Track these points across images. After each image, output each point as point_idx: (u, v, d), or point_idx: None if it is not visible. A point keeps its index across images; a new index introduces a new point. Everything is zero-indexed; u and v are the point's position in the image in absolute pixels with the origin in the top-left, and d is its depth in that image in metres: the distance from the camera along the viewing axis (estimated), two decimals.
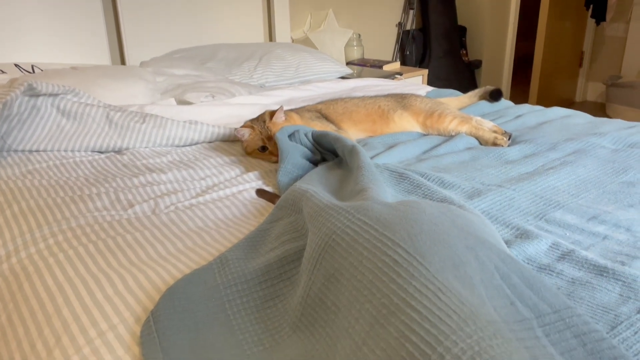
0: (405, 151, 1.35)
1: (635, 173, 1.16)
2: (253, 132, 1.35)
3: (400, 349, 0.52)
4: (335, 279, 0.65)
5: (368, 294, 0.59)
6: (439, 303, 0.54)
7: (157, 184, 1.19)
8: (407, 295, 0.55)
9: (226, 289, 0.75)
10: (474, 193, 1.07)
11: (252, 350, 0.66)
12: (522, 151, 1.34)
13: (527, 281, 0.64)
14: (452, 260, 0.60)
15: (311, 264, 0.70)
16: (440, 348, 0.49)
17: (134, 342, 0.68)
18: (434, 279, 0.57)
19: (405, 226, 0.65)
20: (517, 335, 0.54)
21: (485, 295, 0.58)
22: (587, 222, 0.95)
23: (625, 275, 0.76)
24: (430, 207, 0.72)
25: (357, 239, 0.66)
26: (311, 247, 0.73)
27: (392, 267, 0.60)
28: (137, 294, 0.78)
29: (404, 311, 0.54)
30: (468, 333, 0.50)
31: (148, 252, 0.90)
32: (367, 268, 0.62)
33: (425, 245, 0.62)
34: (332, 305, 0.65)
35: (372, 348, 0.55)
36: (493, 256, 0.64)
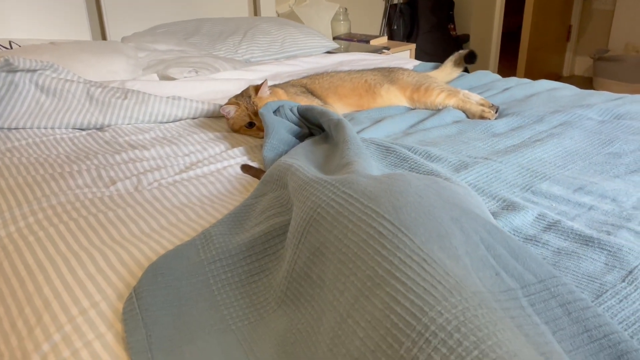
0: (392, 125, 1.34)
1: (621, 144, 1.15)
2: (239, 109, 1.32)
3: (385, 321, 0.51)
4: (321, 252, 0.65)
5: (353, 266, 0.58)
6: (423, 274, 0.53)
7: (140, 161, 1.16)
8: (391, 266, 0.55)
9: (210, 265, 0.73)
10: (460, 166, 1.07)
11: (236, 325, 0.66)
12: (509, 124, 1.33)
13: (513, 251, 0.63)
14: (437, 231, 0.59)
15: (296, 238, 0.69)
16: (425, 319, 0.49)
17: (117, 319, 0.67)
18: (419, 250, 0.56)
19: (391, 198, 0.64)
20: (502, 305, 0.53)
21: (471, 265, 0.57)
22: (573, 193, 0.95)
23: (611, 245, 0.76)
24: (416, 180, 0.71)
25: (342, 212, 0.65)
26: (296, 221, 0.72)
27: (377, 239, 0.59)
28: (120, 271, 0.76)
29: (388, 282, 0.54)
30: (453, 303, 0.49)
31: (130, 229, 0.88)
32: (352, 241, 0.61)
33: (410, 217, 0.61)
34: (317, 279, 0.64)
35: (356, 320, 0.54)
36: (478, 227, 0.64)
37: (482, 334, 0.46)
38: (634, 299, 0.66)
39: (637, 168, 1.03)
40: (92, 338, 0.64)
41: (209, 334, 0.64)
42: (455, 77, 1.75)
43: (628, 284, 0.68)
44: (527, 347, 0.46)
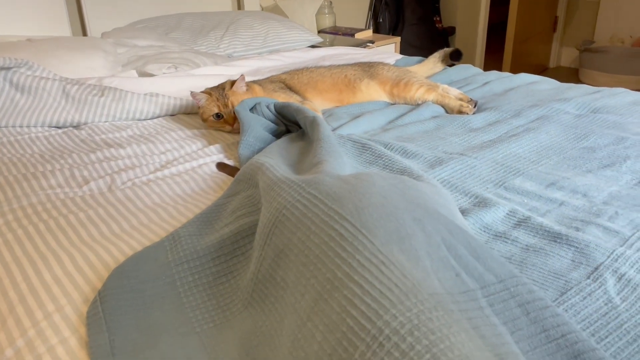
0: (371, 121, 1.34)
1: (596, 138, 1.16)
2: (210, 98, 1.31)
3: (342, 324, 0.51)
4: (285, 254, 0.64)
5: (314, 269, 0.58)
6: (381, 277, 0.53)
7: (115, 160, 1.15)
8: (350, 269, 0.55)
9: (177, 267, 0.73)
10: (435, 162, 1.07)
11: (202, 327, 0.65)
12: (487, 119, 1.33)
13: (474, 251, 0.63)
14: (398, 233, 0.59)
15: (262, 240, 0.69)
16: (379, 322, 0.49)
17: (82, 323, 0.67)
18: (378, 252, 0.56)
19: (354, 199, 0.64)
20: (461, 306, 0.53)
21: (431, 267, 0.57)
22: (546, 189, 0.95)
23: (579, 241, 0.77)
24: (381, 180, 0.71)
25: (306, 214, 0.65)
26: (262, 222, 0.71)
27: (338, 241, 0.59)
28: (87, 274, 0.76)
29: (346, 285, 0.53)
30: (408, 306, 0.50)
31: (101, 229, 0.87)
32: (314, 243, 0.61)
33: (372, 219, 0.61)
34: (281, 281, 0.64)
35: (315, 324, 0.54)
36: (440, 227, 0.64)
37: (434, 337, 0.46)
38: (597, 296, 0.66)
39: (609, 163, 1.04)
40: (56, 343, 0.64)
41: (173, 337, 0.63)
42: (437, 72, 1.75)
43: (593, 281, 0.69)
44: (481, 349, 0.47)
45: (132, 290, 0.69)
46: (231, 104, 1.30)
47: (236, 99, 1.30)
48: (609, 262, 0.72)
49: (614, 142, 1.13)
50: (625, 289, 0.67)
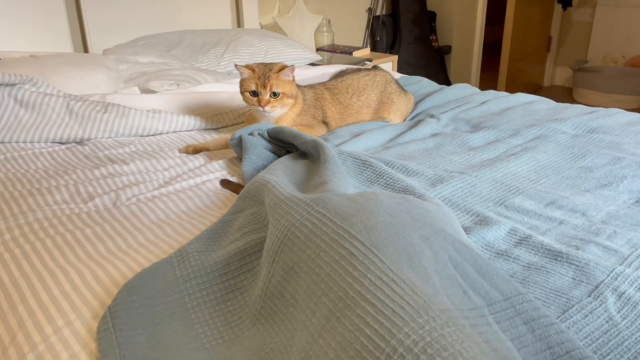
0: (371, 139, 1.36)
1: (592, 158, 1.18)
2: (252, 75, 1.32)
3: (355, 342, 0.52)
4: (294, 271, 0.66)
5: (325, 287, 0.59)
6: (392, 295, 0.54)
7: (119, 176, 1.17)
8: (362, 288, 0.56)
9: (185, 283, 0.74)
10: (436, 180, 1.08)
11: (211, 343, 0.66)
12: (486, 137, 1.35)
13: (480, 269, 0.65)
14: (407, 251, 0.61)
15: (270, 257, 0.70)
16: (393, 341, 0.50)
17: (91, 338, 0.68)
18: (388, 270, 0.57)
19: (362, 218, 0.66)
20: (471, 322, 0.54)
21: (440, 284, 0.58)
22: (545, 208, 0.97)
23: (579, 260, 0.78)
24: (387, 199, 0.72)
25: (316, 232, 0.67)
26: (270, 239, 0.72)
27: (349, 260, 0.60)
28: (95, 289, 0.77)
29: (359, 304, 0.55)
30: (420, 324, 0.51)
31: (107, 245, 0.88)
32: (325, 261, 0.62)
33: (381, 237, 0.62)
34: (290, 298, 0.65)
35: (327, 341, 0.55)
36: (447, 246, 0.65)
37: (447, 354, 0.47)
38: (598, 314, 0.68)
39: (607, 182, 1.06)
40: (66, 358, 0.65)
41: (183, 353, 0.64)
42: None
43: (594, 299, 0.70)
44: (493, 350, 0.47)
45: (142, 305, 0.70)
46: (270, 87, 1.31)
47: (277, 84, 1.31)
48: (609, 281, 0.74)
49: (610, 162, 1.16)
50: (625, 307, 0.69)
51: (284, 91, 1.32)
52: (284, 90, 1.32)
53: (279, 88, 1.32)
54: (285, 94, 1.33)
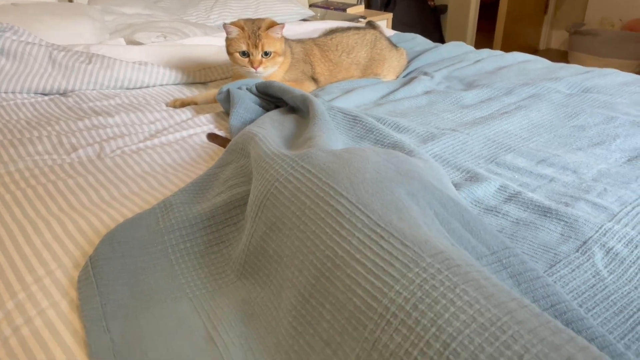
0: (363, 96, 1.33)
1: (586, 117, 1.17)
2: (241, 34, 1.25)
3: (348, 304, 0.51)
4: (277, 227, 0.64)
5: (311, 245, 0.58)
6: (381, 252, 0.53)
7: (103, 128, 1.14)
8: (351, 247, 0.55)
9: (169, 234, 0.73)
10: (428, 137, 1.07)
11: (194, 293, 0.65)
12: (479, 96, 1.33)
13: (467, 224, 0.64)
14: (394, 205, 0.59)
15: (253, 212, 0.69)
16: (385, 300, 0.49)
17: (72, 287, 0.66)
18: (376, 226, 0.56)
19: (348, 174, 0.64)
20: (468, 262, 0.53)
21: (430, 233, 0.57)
22: (536, 165, 0.96)
23: (568, 216, 0.78)
24: (374, 155, 0.71)
25: (300, 188, 0.65)
26: (254, 193, 0.71)
27: (336, 217, 0.58)
28: (77, 239, 0.75)
29: (349, 264, 0.53)
30: (410, 279, 0.49)
31: (90, 196, 0.86)
32: (310, 218, 0.60)
33: (368, 194, 0.60)
34: (274, 254, 0.63)
35: (320, 301, 0.54)
36: (434, 202, 0.64)
37: (439, 306, 0.46)
38: (585, 269, 0.67)
39: (599, 141, 1.05)
40: (47, 306, 0.64)
41: (165, 302, 0.63)
42: None
43: (581, 254, 0.70)
44: (491, 299, 0.46)
45: (124, 256, 0.69)
46: (261, 47, 1.25)
47: (269, 43, 1.25)
48: (597, 237, 0.73)
49: (604, 121, 1.14)
50: (612, 262, 0.69)
51: (275, 50, 1.28)
52: (275, 49, 1.28)
53: (270, 47, 1.26)
54: (277, 53, 1.28)
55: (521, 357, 0.41)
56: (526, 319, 0.45)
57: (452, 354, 0.43)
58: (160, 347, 0.56)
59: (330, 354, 0.52)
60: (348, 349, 0.50)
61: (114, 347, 0.56)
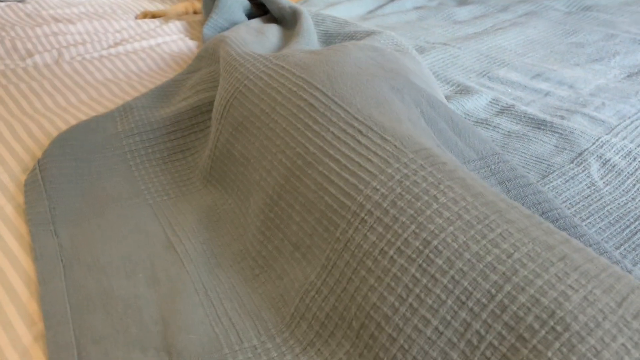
0: (348, 9, 1.23)
1: (585, 35, 1.09)
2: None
3: (319, 202, 0.46)
4: (244, 127, 0.57)
5: (281, 143, 0.52)
6: (358, 147, 0.47)
7: (64, 34, 1.04)
8: (324, 142, 0.48)
9: (128, 138, 0.66)
10: (417, 50, 0.99)
11: (154, 199, 0.59)
12: (472, 12, 1.24)
13: (455, 126, 0.58)
14: (375, 98, 0.53)
15: (219, 112, 0.62)
16: (360, 197, 0.43)
17: (19, 191, 0.60)
18: (353, 120, 0.49)
19: (326, 68, 0.57)
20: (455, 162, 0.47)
21: (413, 129, 0.51)
22: (531, 80, 0.90)
23: (563, 128, 0.72)
24: (357, 51, 0.63)
25: (271, 84, 0.57)
26: (220, 94, 0.63)
27: (308, 112, 0.52)
28: (27, 144, 0.68)
29: (321, 161, 0.47)
30: (389, 174, 0.44)
31: (45, 102, 0.78)
32: (280, 115, 0.54)
33: (346, 86, 0.54)
34: (240, 157, 0.57)
35: (290, 203, 0.49)
36: (421, 99, 0.57)
37: (420, 203, 0.41)
38: (580, 180, 0.62)
39: (599, 57, 0.98)
40: None
41: (122, 207, 0.57)
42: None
43: (576, 165, 0.65)
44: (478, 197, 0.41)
45: (77, 159, 0.62)
46: None
47: None
48: (593, 149, 0.68)
49: (603, 39, 1.07)
50: (609, 173, 0.64)
51: None
52: None
53: None
54: None
55: (510, 256, 0.36)
56: (516, 218, 0.40)
57: (433, 252, 0.38)
58: (113, 252, 0.51)
59: (299, 257, 0.47)
60: (318, 251, 0.45)
61: (62, 251, 0.50)
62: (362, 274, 0.41)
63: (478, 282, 0.36)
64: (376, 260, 0.40)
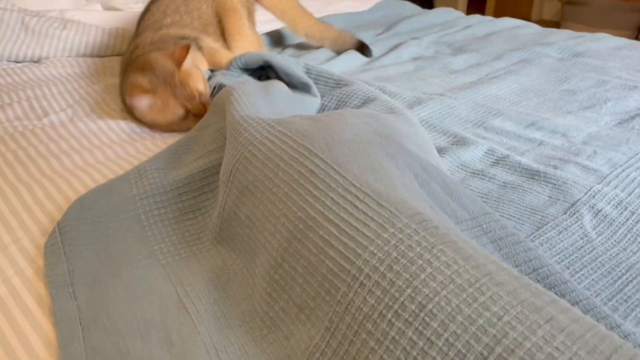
0: (348, 61, 1.29)
1: (577, 81, 1.14)
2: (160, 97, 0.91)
3: (321, 266, 0.49)
4: (249, 191, 0.61)
5: (283, 207, 0.55)
6: (356, 213, 0.50)
7: (78, 91, 1.09)
8: (324, 207, 0.52)
9: (142, 200, 0.69)
10: (414, 102, 1.03)
11: (167, 259, 0.63)
12: (468, 61, 1.29)
13: (447, 188, 0.62)
14: (371, 166, 0.57)
15: (225, 176, 0.66)
16: (358, 261, 0.46)
17: (39, 254, 0.63)
18: (351, 186, 0.53)
19: (325, 136, 0.61)
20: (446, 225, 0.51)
21: (408, 194, 0.55)
22: (525, 129, 0.93)
23: (556, 178, 0.75)
24: (353, 118, 0.68)
25: (274, 150, 0.61)
26: (227, 158, 0.67)
27: (309, 178, 0.55)
28: (46, 206, 0.72)
29: (321, 225, 0.51)
30: (386, 239, 0.47)
31: (63, 162, 0.83)
32: (283, 180, 0.57)
33: (344, 154, 0.57)
34: (246, 219, 0.61)
35: (293, 265, 0.52)
36: (414, 164, 0.62)
37: (415, 267, 0.44)
38: (573, 231, 0.65)
39: (590, 104, 1.02)
40: (12, 274, 0.60)
41: (137, 267, 0.60)
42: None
43: (569, 216, 0.68)
44: (469, 260, 0.44)
45: (94, 222, 0.66)
46: (197, 93, 0.93)
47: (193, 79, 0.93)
48: (586, 199, 0.71)
49: (595, 85, 1.11)
50: (601, 224, 0.67)
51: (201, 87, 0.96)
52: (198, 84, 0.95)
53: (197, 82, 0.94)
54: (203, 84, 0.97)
55: (500, 319, 0.39)
56: (506, 280, 0.43)
57: (428, 315, 0.41)
58: (129, 314, 0.54)
59: (303, 319, 0.49)
60: (321, 313, 0.48)
61: (80, 314, 0.53)
62: (363, 337, 0.43)
63: (471, 344, 0.38)
64: (375, 323, 0.43)
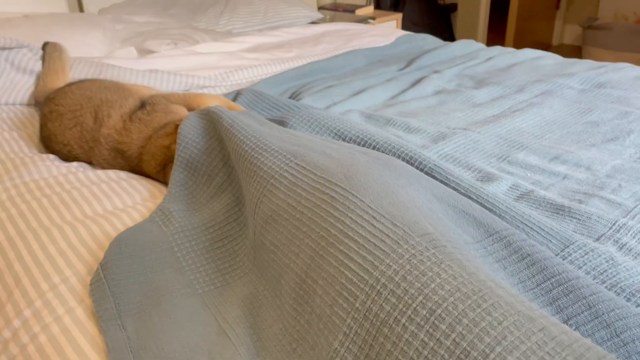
0: (372, 97, 1.33)
1: (600, 113, 1.15)
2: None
3: (340, 277, 0.54)
4: (273, 219, 0.66)
5: (307, 229, 0.61)
6: (373, 230, 0.56)
7: None
8: (344, 226, 0.58)
9: (173, 235, 0.74)
10: (439, 137, 1.06)
11: (203, 289, 0.67)
12: (490, 94, 1.32)
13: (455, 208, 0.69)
14: (385, 192, 0.63)
15: (251, 209, 0.72)
16: (376, 272, 0.52)
17: (87, 293, 0.67)
18: (368, 208, 0.59)
19: (342, 169, 0.68)
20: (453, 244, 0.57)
21: (420, 214, 0.60)
22: (549, 163, 0.95)
23: (581, 213, 0.77)
24: (363, 156, 0.75)
25: (296, 182, 0.68)
26: (250, 191, 0.73)
27: (330, 202, 0.61)
28: (90, 246, 0.76)
29: (342, 241, 0.56)
30: (400, 253, 0.53)
31: (104, 204, 0.87)
32: (306, 207, 0.63)
33: (360, 183, 0.64)
34: (270, 245, 0.66)
35: (314, 279, 0.57)
36: (424, 192, 0.69)
37: (425, 278, 0.50)
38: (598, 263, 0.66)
39: (613, 137, 1.03)
40: (62, 313, 0.64)
41: (176, 297, 0.65)
42: None
43: None
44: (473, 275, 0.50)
45: (131, 256, 0.70)
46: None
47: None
48: (610, 233, 0.72)
49: (617, 117, 1.13)
50: (626, 257, 0.68)
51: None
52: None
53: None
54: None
55: (500, 323, 0.44)
56: (504, 294, 0.48)
57: (438, 319, 0.46)
58: (175, 341, 0.58)
59: (322, 327, 0.54)
60: (338, 320, 0.52)
61: (130, 343, 0.57)
62: (381, 341, 0.49)
63: (475, 343, 0.44)
64: (391, 327, 0.48)
